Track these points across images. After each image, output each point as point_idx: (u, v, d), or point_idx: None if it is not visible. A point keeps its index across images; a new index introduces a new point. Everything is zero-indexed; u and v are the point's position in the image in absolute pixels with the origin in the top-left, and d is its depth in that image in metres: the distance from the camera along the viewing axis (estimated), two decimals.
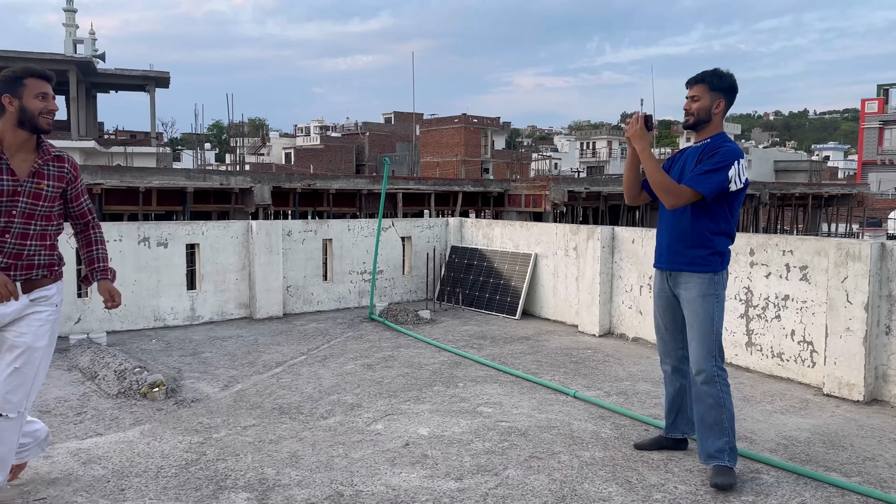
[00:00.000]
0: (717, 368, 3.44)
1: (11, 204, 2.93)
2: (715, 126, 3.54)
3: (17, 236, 2.96)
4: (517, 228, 8.45)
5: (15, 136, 2.94)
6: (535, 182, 23.40)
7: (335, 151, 59.88)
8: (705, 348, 3.44)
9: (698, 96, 3.51)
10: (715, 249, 3.47)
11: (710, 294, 3.45)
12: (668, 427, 3.83)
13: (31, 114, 2.92)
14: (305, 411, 4.47)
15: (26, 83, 2.92)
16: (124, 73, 36.13)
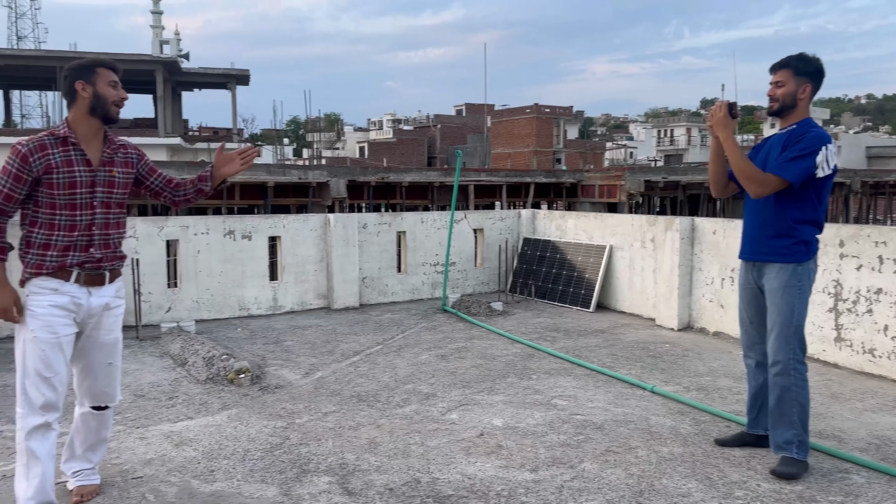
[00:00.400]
0: (794, 361, 3.36)
1: (91, 195, 2.91)
2: (800, 112, 3.45)
3: (101, 227, 2.95)
4: (591, 220, 8.34)
5: (88, 125, 2.91)
6: (609, 172, 22.96)
7: (407, 144, 60.46)
8: (783, 339, 3.37)
9: (783, 81, 3.43)
10: (800, 238, 3.37)
11: (792, 285, 3.37)
12: (751, 423, 3.74)
13: (105, 101, 2.89)
14: (382, 399, 4.58)
15: (98, 71, 2.90)
16: (207, 72, 37.55)
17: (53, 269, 2.86)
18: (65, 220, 2.87)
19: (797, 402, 3.37)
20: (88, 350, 3.01)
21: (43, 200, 2.85)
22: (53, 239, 2.86)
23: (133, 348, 6.00)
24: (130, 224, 6.93)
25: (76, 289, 2.90)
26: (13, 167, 2.80)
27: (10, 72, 34.75)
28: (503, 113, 57.44)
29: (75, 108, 2.90)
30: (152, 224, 7.04)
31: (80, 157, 2.89)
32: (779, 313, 3.39)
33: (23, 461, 2.82)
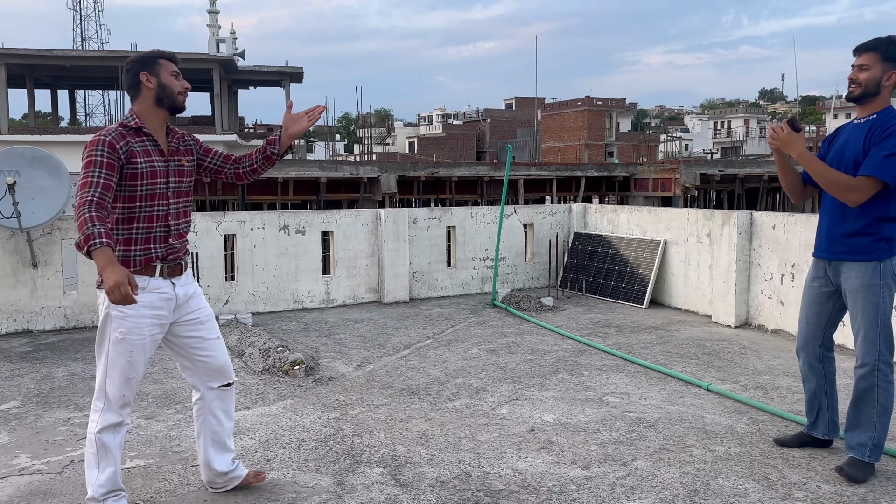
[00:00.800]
0: (881, 363, 3.22)
1: (166, 185, 2.92)
2: (882, 100, 3.24)
3: (174, 216, 2.96)
4: (644, 214, 8.20)
5: (156, 116, 2.91)
6: (663, 165, 22.50)
7: (457, 139, 60.48)
8: (869, 341, 3.23)
9: (868, 66, 3.22)
10: (881, 235, 3.21)
11: (875, 284, 3.22)
12: (810, 425, 3.64)
13: (171, 90, 2.89)
14: (433, 393, 4.61)
15: (160, 62, 2.90)
16: (262, 70, 38.29)
17: (140, 264, 2.85)
18: (145, 212, 2.86)
19: (880, 404, 3.24)
20: (200, 330, 3.02)
21: (122, 194, 2.82)
22: (134, 232, 2.85)
23: None
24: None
25: (162, 283, 2.89)
26: (103, 157, 2.73)
27: (76, 72, 36.17)
28: (554, 106, 56.89)
29: (140, 100, 2.90)
30: (211, 219, 7.23)
31: (154, 147, 2.90)
32: (864, 314, 3.25)
33: (93, 451, 2.85)
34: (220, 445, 3.14)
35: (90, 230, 2.58)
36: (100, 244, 2.57)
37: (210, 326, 3.07)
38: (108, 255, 2.58)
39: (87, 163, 2.73)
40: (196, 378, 3.09)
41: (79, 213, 2.64)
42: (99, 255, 2.57)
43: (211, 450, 3.13)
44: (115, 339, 2.80)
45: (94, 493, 2.87)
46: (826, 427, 3.58)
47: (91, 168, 2.71)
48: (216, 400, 3.11)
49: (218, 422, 3.12)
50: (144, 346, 2.85)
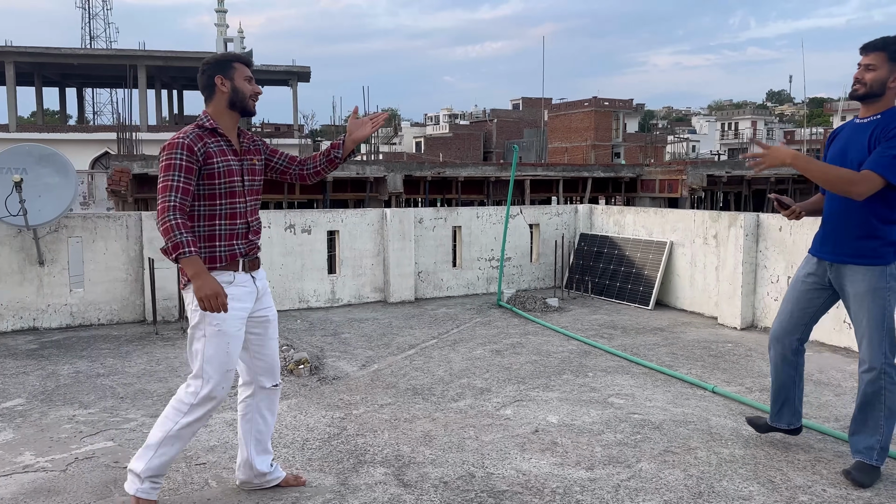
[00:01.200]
0: (887, 366, 3.21)
1: (241, 183, 2.97)
2: (887, 101, 3.21)
3: (251, 213, 3.03)
4: (651, 215, 8.18)
5: (229, 118, 2.97)
6: (670, 166, 22.43)
7: (463, 139, 60.49)
8: (875, 344, 3.21)
9: (875, 65, 3.17)
10: (889, 239, 3.19)
11: (881, 287, 3.20)
12: (773, 416, 3.66)
13: (243, 95, 2.95)
14: (437, 393, 4.61)
15: (235, 66, 2.95)
16: (269, 69, 38.37)
17: (226, 259, 2.90)
18: (226, 209, 2.91)
19: (887, 407, 3.22)
20: (266, 329, 3.09)
21: (203, 193, 2.87)
22: (217, 229, 2.90)
23: None
24: None
25: (245, 277, 2.97)
26: (182, 160, 2.79)
27: (84, 71, 36.33)
28: (561, 107, 56.82)
29: (215, 103, 2.95)
30: None
31: (228, 147, 2.95)
32: (870, 318, 3.22)
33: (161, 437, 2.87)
34: (263, 446, 3.18)
35: (178, 238, 2.69)
36: (189, 253, 2.70)
37: (274, 326, 3.14)
38: (197, 263, 2.72)
39: (165, 166, 2.79)
40: (251, 374, 3.14)
41: (163, 217, 2.73)
42: (189, 263, 2.71)
43: (253, 450, 3.15)
44: (211, 333, 2.84)
45: (140, 469, 2.88)
46: (790, 417, 3.58)
47: (170, 171, 2.78)
48: (265, 399, 3.16)
49: (264, 421, 3.16)
50: (239, 337, 2.92)
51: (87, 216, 6.88)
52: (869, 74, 3.19)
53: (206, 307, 2.72)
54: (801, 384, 3.58)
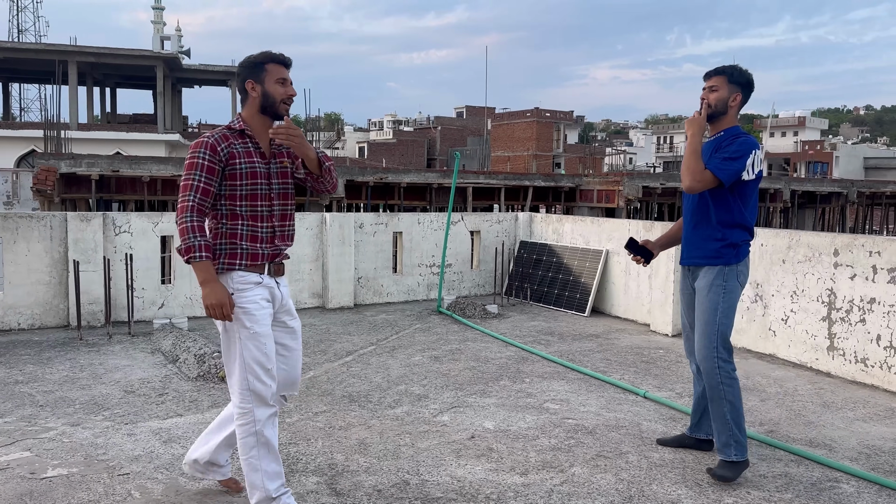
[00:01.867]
0: (719, 360, 3.41)
1: (268, 186, 2.92)
2: (729, 120, 3.53)
3: (281, 218, 2.98)
4: (588, 224, 8.33)
5: (260, 121, 2.93)
6: (608, 177, 22.96)
7: (407, 145, 60.46)
8: (706, 339, 3.43)
9: (717, 87, 3.49)
10: (728, 241, 3.44)
11: (717, 285, 3.43)
12: (692, 427, 3.80)
13: (273, 100, 2.89)
14: (374, 400, 4.56)
15: (267, 68, 2.89)
16: (207, 69, 37.51)
17: (247, 258, 2.86)
18: (247, 211, 2.88)
19: (726, 400, 3.41)
20: (291, 339, 3.04)
21: (224, 192, 2.85)
22: (240, 229, 2.87)
23: (124, 344, 5.97)
24: (125, 219, 6.91)
25: (271, 280, 2.93)
26: (204, 160, 2.78)
27: (9, 65, 34.68)
28: (504, 116, 57.46)
29: (248, 106, 2.93)
30: (147, 219, 7.01)
31: (255, 150, 2.91)
32: (702, 311, 3.45)
33: (254, 453, 2.82)
34: (230, 442, 3.14)
35: (192, 241, 2.71)
36: (200, 258, 2.71)
37: (298, 338, 3.09)
38: (208, 270, 2.73)
39: (188, 164, 2.79)
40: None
41: (181, 217, 2.75)
42: (199, 268, 2.72)
43: (224, 442, 3.13)
44: (246, 336, 2.81)
45: (269, 492, 2.84)
46: (710, 427, 3.69)
47: (192, 171, 2.78)
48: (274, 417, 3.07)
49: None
50: (272, 336, 2.90)
51: (9, 216, 6.55)
52: (713, 95, 3.49)
53: (211, 314, 2.74)
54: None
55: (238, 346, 2.82)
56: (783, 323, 5.80)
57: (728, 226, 3.45)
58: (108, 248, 6.75)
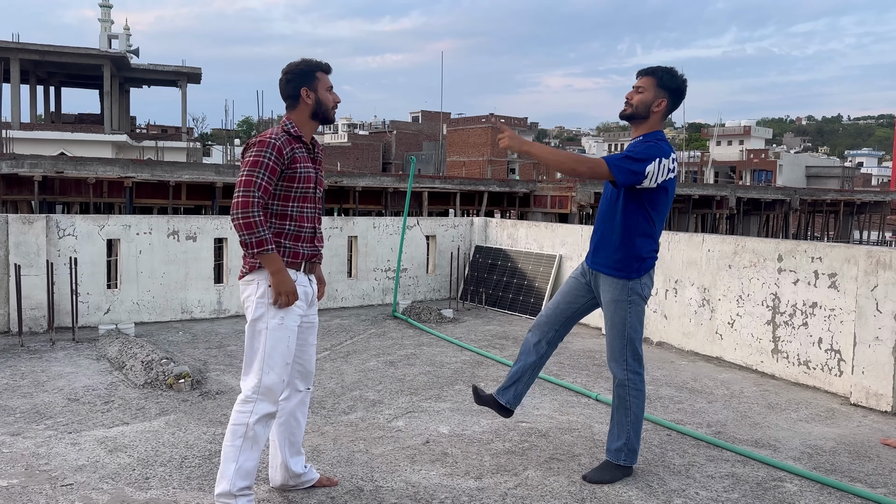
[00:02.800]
0: (630, 372, 3.45)
1: (314, 190, 3.06)
2: (651, 125, 3.38)
3: (318, 221, 3.13)
4: (542, 229, 8.42)
5: (310, 127, 3.05)
6: (561, 183, 23.28)
7: (362, 149, 60.18)
8: (617, 353, 3.45)
9: (643, 88, 3.35)
10: (634, 253, 3.37)
11: (623, 300, 3.40)
12: (500, 390, 3.61)
13: (326, 106, 3.04)
14: (328, 406, 4.51)
15: (318, 77, 3.01)
16: (157, 69, 36.68)
17: (289, 256, 2.96)
18: (296, 212, 2.99)
19: (632, 412, 3.45)
20: (310, 333, 3.16)
21: (278, 193, 2.94)
22: (286, 228, 2.98)
23: (68, 350, 5.78)
24: (69, 222, 6.69)
25: (305, 278, 3.04)
26: (270, 160, 2.86)
27: None
28: (459, 121, 57.75)
29: (298, 112, 3.02)
30: (93, 222, 6.81)
31: (308, 154, 3.04)
32: (612, 326, 3.45)
33: (238, 443, 2.86)
34: (296, 448, 3.22)
35: (263, 235, 2.81)
36: (271, 250, 2.83)
37: (315, 332, 3.21)
38: (278, 261, 2.86)
39: (253, 162, 2.85)
40: (288, 377, 3.11)
41: (246, 212, 2.80)
42: (270, 260, 2.84)
43: (288, 451, 3.19)
44: (273, 326, 2.90)
45: (230, 486, 2.82)
46: (513, 398, 3.58)
47: (257, 168, 2.84)
48: (300, 403, 3.21)
49: (297, 424, 3.21)
50: (296, 333, 2.99)
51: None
52: (637, 96, 3.35)
53: (278, 303, 2.87)
54: (537, 373, 3.63)
55: (264, 336, 2.89)
56: (730, 326, 5.96)
57: (635, 235, 3.35)
58: (52, 252, 6.53)
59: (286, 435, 3.18)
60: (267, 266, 2.85)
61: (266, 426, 2.93)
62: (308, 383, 3.21)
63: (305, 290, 3.03)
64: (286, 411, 3.16)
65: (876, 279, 4.73)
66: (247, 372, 2.93)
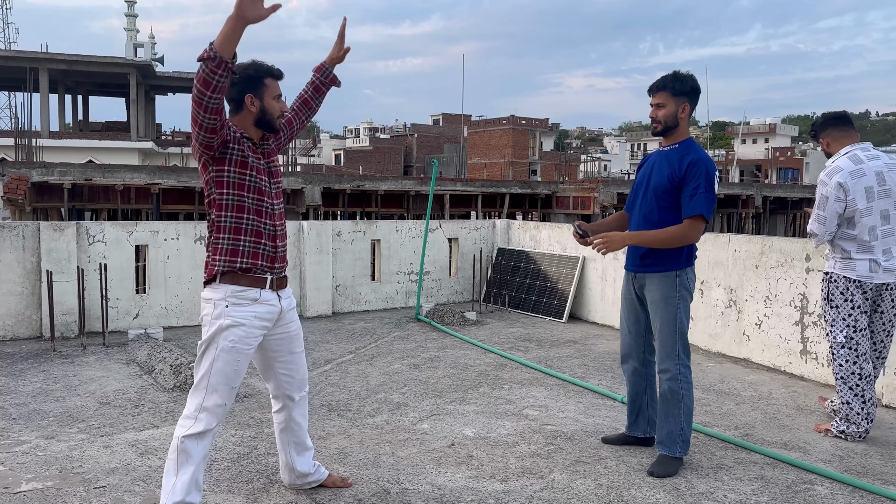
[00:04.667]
0: (681, 366, 3.56)
1: (267, 183, 2.93)
2: (682, 131, 3.62)
3: (280, 216, 2.98)
4: (565, 231, 8.39)
5: (254, 133, 2.93)
6: (583, 184, 23.16)
7: (383, 153, 60.41)
8: (669, 348, 3.55)
9: (663, 103, 3.57)
10: (678, 249, 3.53)
11: (673, 295, 3.54)
12: (630, 426, 3.93)
13: (271, 117, 2.90)
14: (353, 409, 4.54)
15: (267, 84, 2.87)
16: (182, 76, 37.17)
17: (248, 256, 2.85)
18: (254, 204, 2.87)
19: (685, 405, 3.55)
20: (289, 344, 3.07)
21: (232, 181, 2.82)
22: (245, 223, 2.85)
23: (99, 355, 5.88)
24: (99, 229, 6.82)
25: (271, 295, 2.91)
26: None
27: None
28: (480, 124, 57.71)
29: (240, 118, 2.90)
30: (121, 228, 6.93)
31: (266, 168, 2.94)
32: (663, 323, 3.55)
33: (174, 457, 2.79)
34: (302, 446, 3.23)
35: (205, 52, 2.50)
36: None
37: (298, 341, 3.12)
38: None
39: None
40: (279, 389, 3.13)
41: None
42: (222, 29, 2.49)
43: (293, 452, 3.21)
44: (224, 348, 2.80)
45: (167, 500, 2.76)
46: (646, 425, 3.88)
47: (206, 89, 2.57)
48: (297, 408, 3.19)
49: (299, 427, 3.20)
50: (250, 355, 2.89)
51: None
52: (661, 112, 3.57)
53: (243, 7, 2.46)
54: (653, 394, 3.84)
55: (212, 357, 2.80)
56: (757, 328, 5.89)
57: None
58: (82, 258, 6.65)
59: (290, 438, 3.19)
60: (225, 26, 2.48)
61: (200, 443, 2.80)
62: (303, 390, 3.18)
63: (271, 310, 2.90)
64: (286, 419, 3.16)
65: None
66: (193, 390, 2.84)
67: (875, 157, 4.04)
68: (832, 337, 4.09)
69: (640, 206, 3.65)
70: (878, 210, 3.98)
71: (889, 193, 3.99)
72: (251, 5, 2.46)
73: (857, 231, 3.97)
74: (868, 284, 3.99)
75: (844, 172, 3.96)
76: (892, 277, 4.01)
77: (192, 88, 2.62)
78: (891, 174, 4.01)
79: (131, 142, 34.14)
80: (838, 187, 3.94)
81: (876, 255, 3.98)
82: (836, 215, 3.98)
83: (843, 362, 4.03)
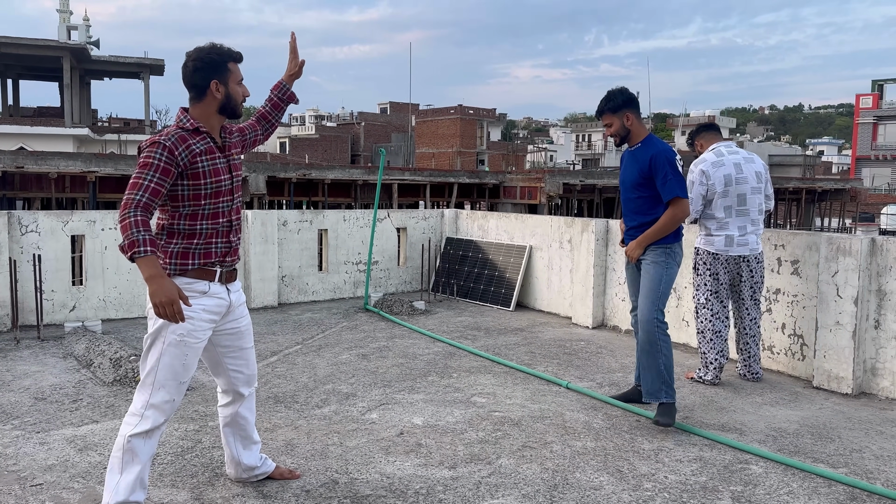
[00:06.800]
0: (658, 314, 4.04)
1: (230, 181, 2.88)
2: (637, 133, 4.17)
3: (236, 211, 2.94)
4: (512, 220, 8.48)
5: (216, 121, 2.87)
6: (530, 174, 23.40)
7: (330, 141, 59.69)
8: (650, 300, 4.05)
9: (609, 122, 4.16)
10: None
11: (660, 262, 4.10)
12: (637, 377, 4.42)
13: (236, 101, 2.86)
14: (301, 400, 4.50)
15: (230, 68, 2.82)
16: (118, 61, 35.87)
17: (200, 257, 2.80)
18: (209, 209, 2.80)
19: (663, 354, 4.02)
20: (239, 339, 3.02)
21: (186, 193, 2.75)
22: (199, 227, 2.80)
23: (34, 349, 5.67)
24: (32, 218, 6.55)
25: (220, 288, 2.87)
26: (160, 161, 2.65)
27: None
28: (428, 113, 57.59)
29: (203, 105, 2.82)
30: (56, 218, 6.67)
31: (214, 145, 2.84)
32: (650, 279, 4.09)
33: (119, 455, 2.72)
34: (248, 440, 3.20)
35: (135, 236, 2.53)
36: (144, 252, 2.52)
37: (248, 337, 3.08)
38: (154, 265, 2.54)
39: (142, 164, 2.66)
40: (228, 384, 3.09)
41: (124, 213, 2.58)
42: (144, 263, 2.53)
43: (239, 446, 3.18)
44: (171, 342, 2.73)
45: (111, 500, 2.67)
46: None
47: (145, 170, 2.65)
48: (244, 403, 3.14)
49: (246, 420, 3.16)
50: (199, 350, 2.82)
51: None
52: (611, 129, 4.17)
53: (160, 314, 2.56)
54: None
55: (159, 351, 2.74)
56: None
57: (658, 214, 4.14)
58: (14, 249, 6.38)
59: (236, 432, 3.15)
60: (141, 270, 2.53)
61: (147, 441, 2.74)
62: (251, 386, 3.14)
63: (220, 303, 2.86)
64: (232, 413, 3.12)
65: (836, 265, 4.86)
66: (140, 386, 2.77)
67: (735, 153, 4.91)
68: (696, 299, 4.97)
69: (626, 200, 4.26)
70: (734, 194, 4.79)
71: (745, 181, 4.82)
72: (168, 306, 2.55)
73: (715, 211, 4.79)
74: (723, 256, 4.80)
75: (707, 163, 4.84)
76: (746, 251, 4.82)
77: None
78: (748, 166, 4.87)
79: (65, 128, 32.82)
80: (701, 174, 4.80)
81: (731, 231, 4.80)
82: (700, 197, 4.80)
83: (704, 320, 4.93)
